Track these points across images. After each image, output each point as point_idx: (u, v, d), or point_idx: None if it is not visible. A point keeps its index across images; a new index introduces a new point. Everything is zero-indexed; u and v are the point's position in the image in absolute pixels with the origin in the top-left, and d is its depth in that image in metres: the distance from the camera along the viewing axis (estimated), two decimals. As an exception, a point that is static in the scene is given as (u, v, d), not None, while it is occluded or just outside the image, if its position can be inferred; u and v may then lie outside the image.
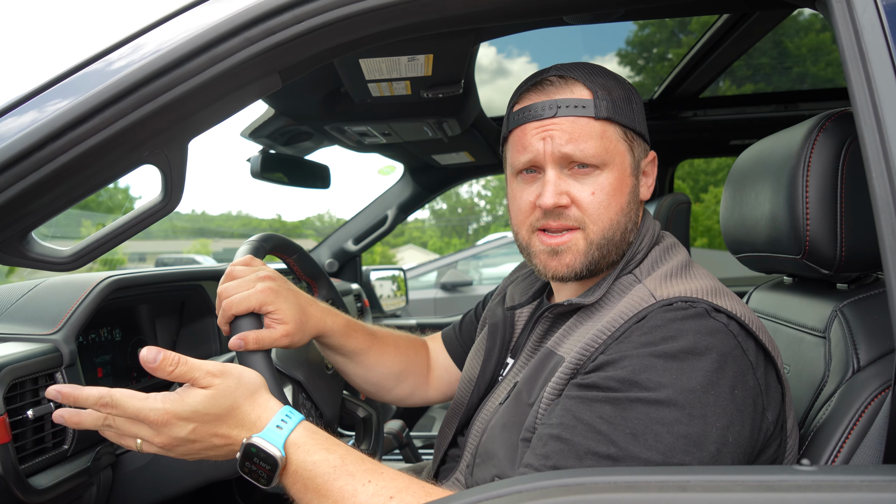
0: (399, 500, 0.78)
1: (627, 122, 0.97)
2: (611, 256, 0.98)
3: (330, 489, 0.80)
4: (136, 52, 0.87)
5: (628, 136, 0.98)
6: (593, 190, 0.95)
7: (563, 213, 0.96)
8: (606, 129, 0.95)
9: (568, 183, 0.96)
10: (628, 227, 0.99)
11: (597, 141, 0.94)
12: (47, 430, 1.07)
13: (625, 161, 0.97)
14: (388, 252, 32.96)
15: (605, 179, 0.95)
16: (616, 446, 0.77)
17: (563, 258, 0.97)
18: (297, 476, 0.81)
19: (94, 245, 1.00)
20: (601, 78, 0.98)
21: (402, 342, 1.34)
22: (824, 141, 1.00)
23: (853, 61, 0.77)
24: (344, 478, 0.80)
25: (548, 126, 0.95)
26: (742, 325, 0.86)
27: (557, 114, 0.94)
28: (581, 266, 0.97)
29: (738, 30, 1.81)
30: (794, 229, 1.03)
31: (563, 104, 0.94)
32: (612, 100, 0.95)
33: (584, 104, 0.94)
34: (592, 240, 0.96)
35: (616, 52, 7.49)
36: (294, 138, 2.01)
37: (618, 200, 0.96)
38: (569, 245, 0.96)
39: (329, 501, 0.79)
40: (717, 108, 2.52)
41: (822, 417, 0.95)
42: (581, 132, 0.94)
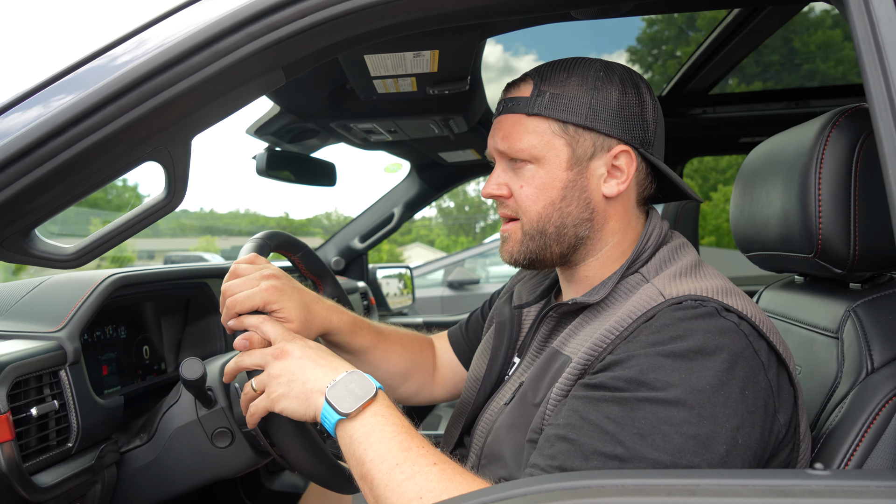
0: (440, 468, 0.81)
1: (566, 116, 0.95)
2: (552, 248, 1.00)
3: (392, 438, 0.84)
4: (137, 49, 0.86)
5: (569, 131, 0.96)
6: (522, 183, 0.99)
7: (504, 203, 1.02)
8: (539, 125, 0.97)
9: (509, 175, 1.01)
10: (568, 222, 0.98)
11: (527, 136, 0.97)
12: (51, 428, 1.07)
13: (560, 156, 0.97)
14: (395, 250, 33.01)
15: (534, 173, 0.98)
16: (623, 447, 0.76)
17: (506, 245, 1.04)
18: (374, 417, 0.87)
19: (97, 242, 1.00)
20: (562, 73, 0.98)
21: (408, 341, 1.33)
22: (837, 137, 0.98)
23: (869, 55, 0.75)
24: (405, 433, 0.85)
25: (496, 123, 1.02)
26: (753, 325, 0.84)
27: (502, 111, 1.01)
28: (518, 254, 1.02)
29: (747, 26, 1.78)
30: (806, 227, 1.01)
31: (506, 102, 1.01)
32: (552, 95, 0.96)
33: (520, 101, 0.98)
34: (526, 230, 1.00)
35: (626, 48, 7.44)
36: (300, 135, 2.00)
37: (547, 194, 0.98)
38: (510, 234, 1.03)
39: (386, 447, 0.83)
40: (727, 105, 2.49)
41: (834, 420, 0.94)
42: (512, 128, 0.99)
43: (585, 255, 1.02)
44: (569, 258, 1.02)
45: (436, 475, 0.79)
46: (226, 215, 52.05)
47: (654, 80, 5.71)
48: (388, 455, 0.82)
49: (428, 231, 47.31)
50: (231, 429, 1.20)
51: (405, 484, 0.79)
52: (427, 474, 0.79)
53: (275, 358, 0.95)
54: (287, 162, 2.05)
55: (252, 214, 52.90)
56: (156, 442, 1.21)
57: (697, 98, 2.46)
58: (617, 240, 1.02)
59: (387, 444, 0.83)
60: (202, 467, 1.21)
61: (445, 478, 0.79)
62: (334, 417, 0.87)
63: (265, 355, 0.96)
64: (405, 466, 0.81)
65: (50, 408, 1.04)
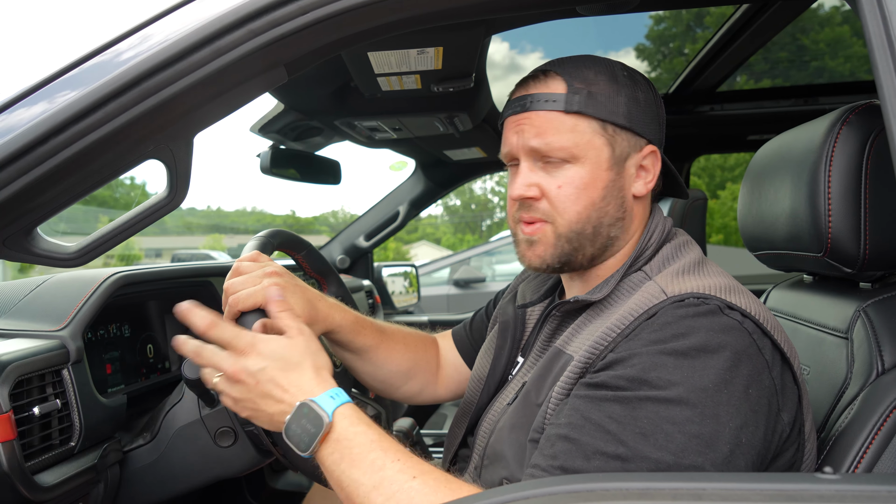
0: (421, 480, 0.79)
1: (606, 115, 0.94)
2: (585, 250, 0.97)
3: (363, 460, 0.81)
4: (138, 46, 0.86)
5: (608, 131, 0.95)
6: (560, 183, 0.95)
7: (532, 206, 0.97)
8: (578, 123, 0.94)
9: (539, 175, 0.97)
10: (604, 222, 0.97)
11: (566, 134, 0.94)
12: (54, 427, 1.07)
13: (600, 155, 0.95)
14: (401, 248, 33.03)
15: (576, 173, 0.95)
16: (625, 446, 0.75)
17: (535, 248, 0.98)
18: (337, 444, 0.84)
19: (100, 241, 0.99)
20: (588, 71, 0.96)
21: (411, 339, 1.33)
22: (848, 134, 0.96)
23: (881, 50, 0.73)
24: (377, 451, 0.82)
25: (521, 120, 0.97)
26: (757, 323, 0.83)
27: (530, 108, 0.96)
28: (552, 258, 0.97)
29: (755, 23, 1.76)
30: (815, 226, 0.99)
31: (536, 98, 0.96)
32: (589, 93, 0.94)
33: (556, 98, 0.94)
34: (561, 233, 0.96)
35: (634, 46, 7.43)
36: (304, 133, 1.99)
37: (588, 195, 0.95)
38: (539, 236, 0.97)
39: (359, 471, 0.81)
40: (735, 103, 2.47)
41: (843, 422, 0.92)
42: (548, 126, 0.94)
43: (609, 255, 1.01)
44: (596, 260, 1.00)
45: (417, 490, 0.77)
46: (233, 213, 52.27)
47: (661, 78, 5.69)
48: (363, 478, 0.80)
49: (434, 229, 47.32)
50: (234, 428, 1.19)
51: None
52: (408, 491, 0.77)
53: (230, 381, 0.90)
54: (291, 160, 2.05)
55: (259, 212, 53.16)
56: (159, 441, 1.20)
57: (705, 95, 2.44)
58: (635, 238, 1.02)
59: (358, 467, 0.81)
60: (205, 467, 1.21)
61: (429, 491, 0.77)
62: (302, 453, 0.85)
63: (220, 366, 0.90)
64: (383, 487, 0.79)
65: (52, 407, 1.04)
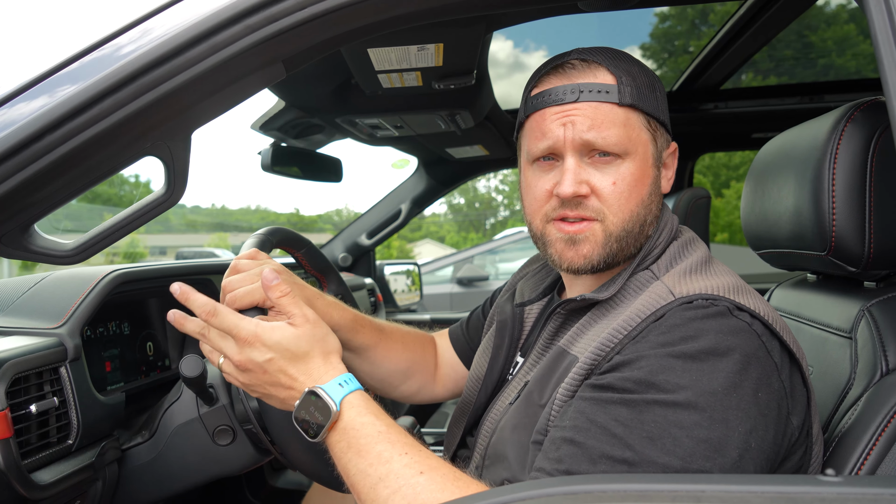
0: (429, 476, 0.78)
1: (651, 110, 0.92)
2: (628, 250, 0.94)
3: (369, 451, 0.81)
4: (134, 42, 0.85)
5: (651, 125, 0.93)
6: (614, 180, 0.90)
7: (581, 203, 0.91)
8: (630, 117, 0.91)
9: (588, 172, 0.91)
10: (648, 220, 0.94)
11: (620, 129, 0.89)
12: (52, 425, 1.06)
13: (647, 151, 0.93)
14: (405, 246, 33.04)
15: (627, 169, 0.91)
16: (632, 450, 0.73)
17: (580, 248, 0.92)
18: (344, 433, 0.83)
19: (96, 238, 0.99)
20: (625, 63, 0.93)
21: (409, 339, 1.32)
22: (852, 131, 0.95)
23: (886, 46, 0.72)
24: (384, 443, 0.81)
25: (569, 111, 0.90)
26: (766, 324, 0.82)
27: (580, 98, 0.89)
28: (598, 258, 0.92)
29: (759, 20, 1.74)
30: (819, 224, 0.98)
31: (587, 88, 0.90)
32: (636, 86, 0.91)
33: (608, 89, 0.89)
34: (612, 232, 0.91)
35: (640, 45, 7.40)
36: (305, 131, 1.98)
37: (639, 192, 0.92)
38: (587, 234, 0.92)
39: (365, 462, 0.80)
40: (739, 100, 2.45)
41: (847, 423, 0.91)
42: (604, 119, 0.89)
43: None
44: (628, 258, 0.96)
45: (424, 486, 0.76)
46: (237, 211, 52.37)
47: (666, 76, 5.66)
48: (370, 470, 0.80)
49: (438, 227, 47.31)
50: (232, 426, 1.19)
51: (392, 499, 0.77)
52: (414, 486, 0.76)
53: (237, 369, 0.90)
54: (292, 157, 2.04)
55: (263, 210, 53.23)
56: (157, 439, 1.20)
57: (709, 93, 2.42)
58: None
59: (365, 458, 0.81)
60: (204, 465, 1.20)
61: (436, 487, 0.76)
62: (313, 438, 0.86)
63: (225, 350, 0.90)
64: (389, 481, 0.78)
65: (50, 405, 1.04)
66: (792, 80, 3.54)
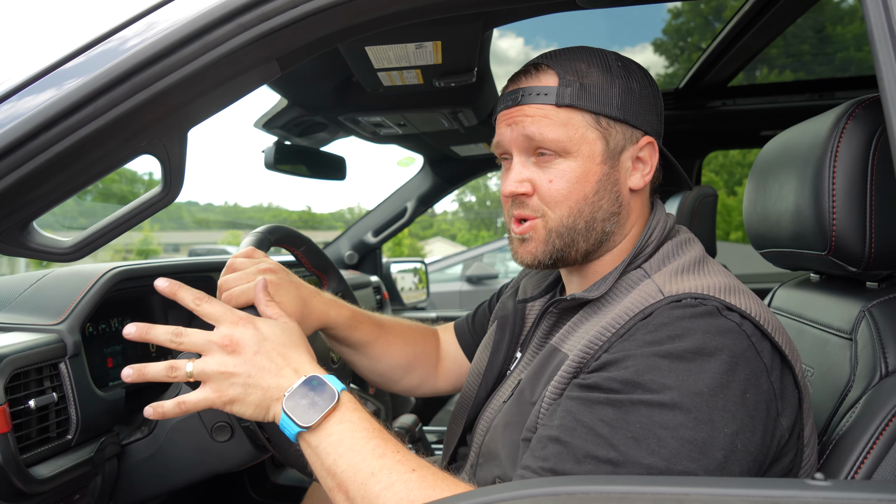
0: (420, 474, 0.77)
1: (599, 108, 0.92)
2: (578, 245, 0.95)
3: (364, 446, 0.80)
4: (127, 41, 0.85)
5: (602, 124, 0.93)
6: (551, 177, 0.93)
7: (524, 203, 0.95)
8: (572, 117, 0.92)
9: (531, 170, 0.95)
10: (598, 217, 0.95)
11: (558, 128, 0.92)
12: (52, 420, 1.07)
13: (594, 149, 0.93)
14: (416, 244, 33.06)
15: (567, 167, 0.93)
16: (616, 450, 0.73)
17: (527, 246, 0.97)
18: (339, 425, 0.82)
19: (94, 236, 1.00)
20: (581, 63, 0.94)
21: (410, 333, 1.32)
22: (853, 129, 0.94)
23: (882, 41, 0.71)
24: (377, 439, 0.81)
25: (513, 113, 0.95)
26: (756, 325, 0.81)
27: (521, 101, 0.94)
28: (543, 254, 0.95)
29: (766, 14, 1.72)
30: (819, 224, 0.97)
31: (528, 92, 0.94)
32: (581, 85, 0.92)
33: (548, 91, 0.92)
34: (552, 228, 0.94)
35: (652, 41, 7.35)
36: (308, 129, 1.99)
37: (580, 189, 0.93)
38: (531, 233, 0.96)
39: (359, 457, 0.79)
40: (747, 97, 2.42)
41: (845, 425, 0.89)
42: (541, 120, 0.92)
43: (605, 250, 0.99)
44: (591, 256, 0.98)
45: (416, 482, 0.76)
46: (249, 209, 52.72)
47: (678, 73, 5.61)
48: (362, 464, 0.78)
49: (449, 225, 47.30)
50: (230, 423, 1.19)
51: (384, 494, 0.76)
52: (406, 482, 0.76)
53: (224, 349, 0.86)
54: (296, 156, 2.04)
55: (275, 208, 53.52)
56: (156, 435, 1.21)
57: (716, 90, 2.40)
58: (633, 233, 1.00)
59: (359, 452, 0.79)
60: (202, 461, 1.21)
61: (427, 485, 0.76)
62: (295, 429, 0.82)
63: (210, 342, 0.86)
64: (382, 475, 0.77)
65: (49, 400, 1.05)
66: (810, 76, 3.49)
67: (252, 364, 0.85)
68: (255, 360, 0.85)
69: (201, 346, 0.87)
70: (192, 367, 0.86)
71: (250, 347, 0.86)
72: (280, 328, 0.89)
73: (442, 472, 0.79)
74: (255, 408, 0.85)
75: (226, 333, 0.86)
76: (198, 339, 0.87)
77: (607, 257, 1.00)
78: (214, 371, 0.85)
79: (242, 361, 0.85)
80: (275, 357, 0.86)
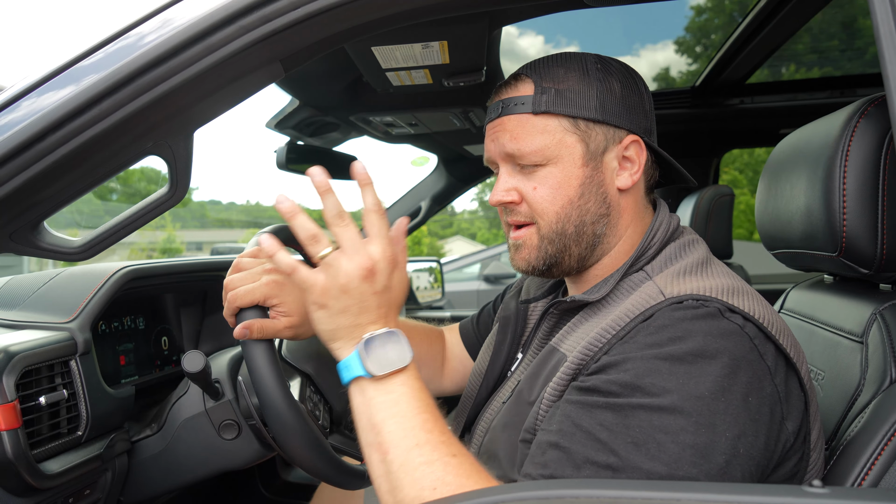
0: (459, 460, 0.75)
1: (576, 111, 0.92)
2: (571, 250, 0.96)
3: (415, 416, 0.77)
4: (131, 44, 0.87)
5: (580, 127, 0.93)
6: (535, 185, 0.95)
7: (514, 210, 0.97)
8: (548, 123, 0.93)
9: (517, 179, 0.96)
10: (587, 220, 0.95)
11: (537, 136, 0.93)
12: (62, 417, 1.10)
13: (574, 152, 0.93)
14: (436, 243, 33.10)
15: (549, 173, 0.94)
16: (616, 456, 0.72)
17: (521, 252, 0.98)
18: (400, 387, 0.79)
19: (103, 236, 1.02)
20: (559, 69, 0.95)
21: (415, 332, 1.32)
22: (865, 128, 0.91)
23: (888, 38, 0.69)
24: (428, 414, 0.79)
25: (496, 126, 0.97)
26: (760, 327, 0.79)
27: (502, 113, 0.96)
28: (536, 260, 0.97)
29: (784, 9, 1.68)
30: (829, 224, 0.94)
31: (508, 103, 0.95)
32: (557, 91, 0.93)
33: (524, 101, 0.94)
34: (543, 234, 0.95)
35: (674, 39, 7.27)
36: (320, 129, 2.00)
37: (564, 193, 0.94)
38: (524, 240, 0.97)
39: (408, 424, 0.77)
40: (766, 95, 2.38)
41: (853, 431, 0.87)
42: (521, 129, 0.94)
43: (601, 253, 0.98)
44: (586, 260, 0.98)
45: (454, 467, 0.74)
46: (270, 208, 53.23)
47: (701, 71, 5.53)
48: (410, 432, 0.76)
49: (469, 224, 47.28)
50: (238, 421, 1.20)
51: (421, 469, 0.74)
52: (446, 465, 0.74)
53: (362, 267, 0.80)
54: (307, 155, 2.05)
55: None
56: (165, 432, 1.23)
57: (733, 87, 2.36)
58: (629, 234, 0.99)
59: (410, 419, 0.77)
60: (210, 458, 1.23)
61: (463, 473, 0.74)
62: (358, 372, 0.79)
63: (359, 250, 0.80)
64: (426, 449, 0.75)
65: (59, 397, 1.07)
66: (837, 72, 3.40)
67: (366, 296, 0.80)
68: (369, 297, 0.81)
69: (350, 245, 0.81)
70: (329, 251, 0.81)
71: (377, 283, 0.81)
72: (403, 285, 0.85)
73: (478, 465, 0.77)
74: (333, 328, 0.81)
75: (376, 257, 0.80)
76: (353, 238, 0.81)
77: (605, 260, 0.99)
78: (340, 273, 0.80)
79: (362, 289, 0.80)
80: (383, 305, 0.82)
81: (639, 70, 1.03)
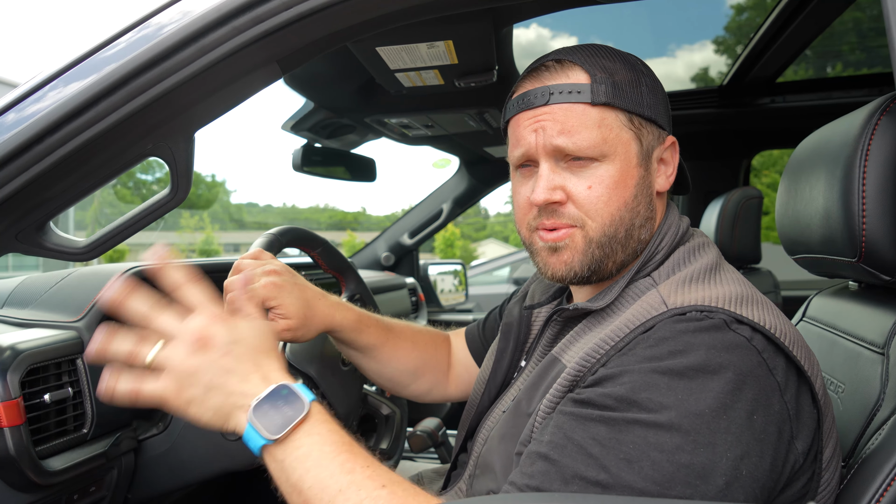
0: (390, 490, 0.73)
1: (632, 107, 0.86)
2: (617, 256, 0.88)
3: (332, 460, 0.75)
4: (123, 47, 0.87)
5: (635, 123, 0.87)
6: (590, 184, 0.85)
7: (557, 211, 0.87)
8: (606, 116, 0.85)
9: (563, 176, 0.86)
10: (636, 223, 0.88)
11: (593, 130, 0.84)
12: (69, 414, 1.11)
13: (629, 150, 0.86)
14: (469, 246, 33.06)
15: (605, 172, 0.85)
16: (607, 472, 0.68)
17: (561, 255, 0.88)
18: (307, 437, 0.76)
19: (106, 237, 1.03)
20: (605, 60, 0.87)
21: (420, 338, 1.30)
22: (886, 126, 0.86)
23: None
24: (346, 454, 0.76)
25: (539, 116, 0.86)
26: (770, 338, 0.74)
27: (550, 101, 0.85)
28: (580, 265, 0.88)
29: (810, 3, 1.61)
30: (848, 228, 0.89)
31: (557, 90, 0.85)
32: (613, 83, 0.85)
33: (580, 89, 0.85)
34: (592, 238, 0.87)
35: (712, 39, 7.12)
36: (337, 131, 2.00)
37: (620, 194, 0.86)
38: (566, 242, 0.87)
39: (326, 472, 0.74)
40: (798, 94, 2.29)
41: (871, 447, 0.82)
42: (575, 121, 0.85)
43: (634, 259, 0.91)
44: (624, 266, 0.91)
45: (385, 499, 0.72)
46: (306, 210, 54.10)
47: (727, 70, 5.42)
48: (330, 480, 0.73)
49: (502, 227, 47.13)
50: (241, 422, 1.20)
51: None
52: (375, 499, 0.72)
53: (193, 343, 0.77)
54: (324, 158, 2.06)
55: (331, 209, 54.66)
56: (171, 431, 1.24)
57: (763, 86, 2.28)
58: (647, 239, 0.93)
59: (327, 467, 0.74)
60: (214, 458, 1.23)
61: (396, 501, 0.72)
62: (260, 441, 0.76)
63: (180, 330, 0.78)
64: (350, 492, 0.72)
65: (64, 395, 1.08)
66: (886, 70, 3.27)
67: (218, 367, 0.78)
68: (223, 362, 0.78)
69: (170, 331, 0.78)
70: (153, 354, 0.77)
71: (220, 347, 0.78)
72: (257, 330, 0.84)
73: (413, 488, 0.75)
74: (214, 413, 0.78)
75: (199, 326, 0.78)
76: (169, 324, 0.79)
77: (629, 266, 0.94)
78: (177, 364, 0.77)
79: (208, 362, 0.78)
80: (244, 361, 0.79)
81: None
